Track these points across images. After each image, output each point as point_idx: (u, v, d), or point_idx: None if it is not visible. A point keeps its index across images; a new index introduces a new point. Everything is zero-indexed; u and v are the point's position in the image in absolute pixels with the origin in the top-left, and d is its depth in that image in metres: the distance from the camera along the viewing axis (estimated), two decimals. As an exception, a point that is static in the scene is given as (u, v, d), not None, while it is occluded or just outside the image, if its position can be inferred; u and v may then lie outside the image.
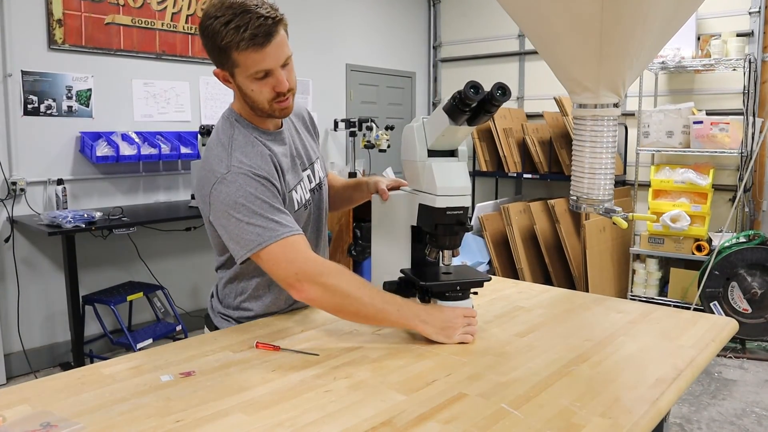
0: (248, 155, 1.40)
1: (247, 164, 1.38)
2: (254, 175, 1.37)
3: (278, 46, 1.35)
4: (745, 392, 3.43)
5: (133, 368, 1.23)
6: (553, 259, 4.74)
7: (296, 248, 1.36)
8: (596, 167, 1.52)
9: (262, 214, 1.35)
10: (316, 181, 1.60)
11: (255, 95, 1.40)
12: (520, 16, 1.56)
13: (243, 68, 1.36)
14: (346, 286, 1.34)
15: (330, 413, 1.04)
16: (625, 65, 1.44)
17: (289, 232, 1.35)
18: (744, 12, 4.57)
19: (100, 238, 3.81)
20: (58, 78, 3.64)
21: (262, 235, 1.34)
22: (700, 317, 1.58)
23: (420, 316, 1.36)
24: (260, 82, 1.38)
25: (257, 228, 1.34)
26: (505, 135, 5.02)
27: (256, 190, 1.36)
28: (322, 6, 5.26)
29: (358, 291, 1.34)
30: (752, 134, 4.29)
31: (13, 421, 0.99)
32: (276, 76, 1.38)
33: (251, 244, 1.34)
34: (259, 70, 1.36)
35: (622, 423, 1.01)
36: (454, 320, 1.37)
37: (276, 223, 1.35)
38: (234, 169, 1.37)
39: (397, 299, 1.38)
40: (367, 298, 1.35)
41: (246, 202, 1.35)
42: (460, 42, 6.19)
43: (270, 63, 1.36)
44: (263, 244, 1.34)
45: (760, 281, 3.96)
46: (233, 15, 1.31)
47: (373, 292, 1.36)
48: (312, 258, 1.37)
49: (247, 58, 1.34)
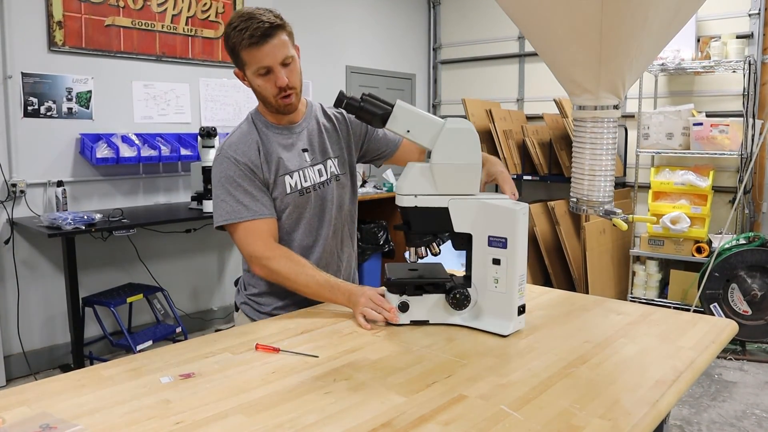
0: (239, 141, 1.67)
1: (233, 149, 1.65)
2: (235, 161, 1.64)
3: (275, 47, 1.57)
4: (745, 394, 3.42)
5: (133, 370, 1.23)
6: (553, 261, 4.74)
7: (253, 232, 1.62)
8: (596, 169, 1.52)
9: (234, 195, 1.62)
10: (326, 176, 1.76)
11: (262, 90, 1.63)
12: (520, 18, 1.56)
13: (249, 65, 1.60)
14: (286, 271, 1.60)
15: (330, 415, 1.04)
16: (624, 67, 1.44)
17: (252, 216, 1.62)
18: (744, 14, 4.58)
19: (100, 239, 3.81)
20: (58, 80, 3.64)
21: (230, 213, 1.62)
22: (700, 319, 1.58)
23: (345, 295, 1.57)
24: (264, 78, 1.61)
25: (227, 206, 1.63)
26: (505, 137, 5.03)
27: (234, 173, 1.63)
28: (323, 8, 5.27)
29: (296, 276, 1.60)
30: (752, 136, 4.29)
31: (13, 423, 0.99)
32: (275, 73, 1.60)
33: (219, 218, 1.64)
34: (261, 67, 1.59)
35: (622, 425, 1.01)
36: (359, 298, 1.53)
37: (243, 207, 1.62)
38: (222, 152, 1.66)
39: (330, 281, 1.59)
40: (302, 281, 1.60)
41: (225, 182, 1.63)
42: (460, 44, 6.19)
43: (268, 60, 1.58)
44: (228, 221, 1.63)
45: (760, 283, 3.96)
46: (240, 21, 1.57)
47: (310, 276, 1.59)
48: (263, 243, 1.62)
49: (249, 55, 1.58)
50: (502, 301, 1.45)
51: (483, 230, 1.47)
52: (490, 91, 5.96)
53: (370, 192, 4.78)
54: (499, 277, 1.44)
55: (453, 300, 1.48)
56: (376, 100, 1.48)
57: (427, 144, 1.47)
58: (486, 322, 1.47)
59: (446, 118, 1.49)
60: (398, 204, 1.50)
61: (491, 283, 1.46)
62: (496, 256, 1.44)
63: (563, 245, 4.62)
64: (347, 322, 1.54)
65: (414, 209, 1.48)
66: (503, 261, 1.43)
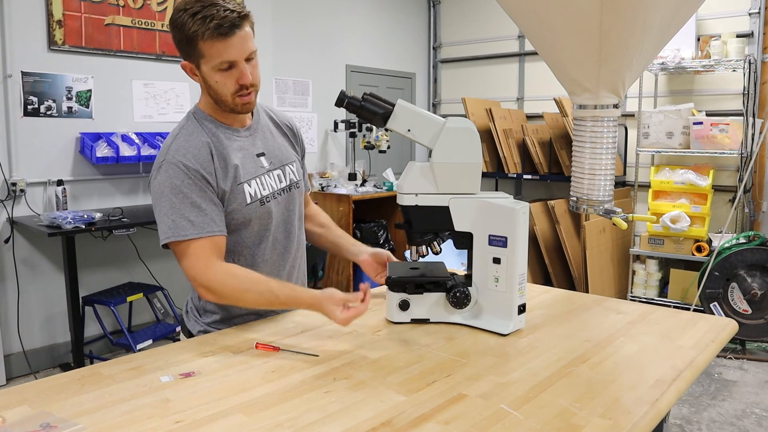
0: (187, 144, 1.45)
1: (181, 154, 1.43)
2: (184, 167, 1.41)
3: (243, 39, 1.40)
4: (745, 393, 3.42)
5: (133, 369, 1.23)
6: (553, 260, 4.74)
7: (196, 253, 1.41)
8: (596, 168, 1.53)
9: (179, 209, 1.41)
10: (286, 182, 1.61)
11: (219, 87, 1.44)
12: (520, 17, 1.56)
13: (208, 58, 1.41)
14: (231, 292, 1.42)
15: (330, 414, 1.04)
16: (624, 66, 1.44)
17: (197, 234, 1.41)
18: (744, 13, 4.57)
19: (100, 238, 3.81)
20: (58, 79, 3.64)
21: (172, 230, 1.41)
22: (700, 318, 1.58)
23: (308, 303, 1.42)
24: (224, 73, 1.42)
25: (170, 221, 1.41)
26: (505, 136, 5.03)
27: (182, 182, 1.41)
28: (322, 7, 5.27)
29: (244, 294, 1.42)
30: (752, 135, 4.29)
31: (13, 422, 0.99)
32: (239, 68, 1.42)
33: (163, 235, 1.43)
34: (224, 61, 1.40)
35: (622, 424, 1.01)
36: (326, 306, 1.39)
37: (188, 222, 1.41)
38: (169, 158, 1.43)
39: (284, 291, 1.42)
40: (251, 299, 1.43)
41: (169, 193, 1.41)
42: (460, 43, 6.19)
43: (234, 54, 1.40)
44: (170, 238, 1.41)
45: (760, 282, 3.96)
46: (201, 7, 1.37)
47: (258, 292, 1.41)
48: (204, 267, 1.41)
49: (211, 47, 1.39)
50: (503, 300, 1.45)
51: (483, 229, 1.47)
52: (490, 90, 5.96)
53: (369, 191, 4.78)
54: (500, 276, 1.45)
55: (453, 299, 1.48)
56: (377, 100, 1.48)
57: (427, 143, 1.47)
58: (486, 321, 1.47)
59: (447, 117, 1.49)
60: (399, 203, 1.50)
61: (491, 282, 1.46)
62: (496, 255, 1.45)
63: (563, 244, 4.62)
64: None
65: (415, 208, 1.48)
66: (503, 260, 1.43)
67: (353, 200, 4.57)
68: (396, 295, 1.50)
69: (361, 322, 1.53)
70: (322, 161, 5.35)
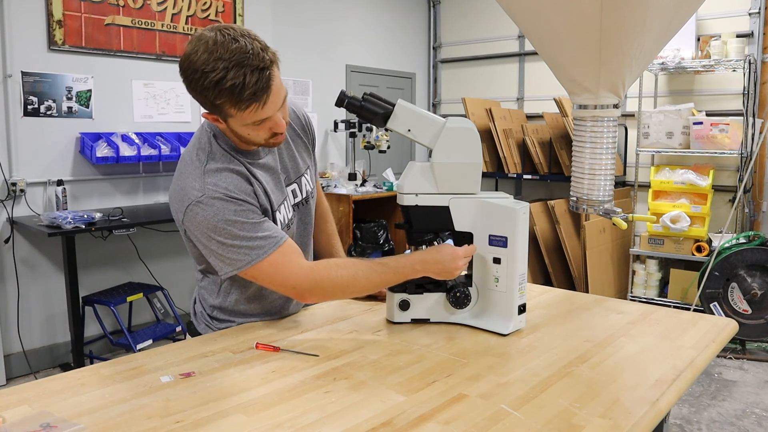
0: (223, 177, 1.34)
1: (222, 187, 1.32)
2: (230, 198, 1.32)
3: (276, 94, 1.29)
4: (745, 393, 3.42)
5: (133, 369, 1.23)
6: (553, 260, 4.74)
7: (285, 261, 1.34)
8: (596, 168, 1.53)
9: (245, 234, 1.31)
10: (302, 195, 1.58)
11: (251, 137, 1.36)
12: (520, 17, 1.56)
13: (238, 119, 1.30)
14: (341, 279, 1.37)
15: (330, 414, 1.04)
16: (624, 66, 1.44)
17: (275, 245, 1.33)
18: (744, 13, 4.57)
19: (100, 238, 3.81)
20: (58, 79, 3.64)
21: (249, 254, 1.32)
22: (700, 318, 1.58)
23: (417, 263, 1.41)
24: (258, 126, 1.33)
25: (242, 249, 1.32)
26: (505, 136, 5.03)
27: (235, 213, 1.31)
28: (322, 7, 5.27)
29: (353, 279, 1.38)
30: (752, 135, 4.29)
31: (13, 422, 0.99)
32: (274, 120, 1.33)
33: (238, 263, 1.33)
34: (258, 121, 1.30)
35: (622, 424, 1.01)
36: (455, 261, 1.40)
37: (261, 240, 1.32)
38: (209, 192, 1.31)
39: (389, 263, 1.41)
40: (364, 280, 1.39)
41: (226, 226, 1.31)
42: (460, 43, 6.19)
43: (269, 112, 1.30)
44: (251, 263, 1.33)
45: (760, 282, 3.96)
46: (225, 70, 1.21)
47: (368, 271, 1.39)
48: (301, 269, 1.36)
49: (243, 113, 1.28)
50: (503, 300, 1.45)
51: (483, 229, 1.47)
52: (490, 90, 5.96)
53: (369, 191, 4.78)
54: (500, 276, 1.45)
55: (453, 299, 1.48)
56: (377, 100, 1.48)
57: (427, 143, 1.47)
58: (486, 321, 1.47)
59: (447, 117, 1.49)
60: (399, 203, 1.50)
61: (492, 282, 1.46)
62: (496, 255, 1.45)
63: (563, 244, 4.62)
64: (347, 321, 1.54)
65: (415, 208, 1.48)
66: (504, 260, 1.43)
67: (353, 200, 4.57)
68: (396, 295, 1.50)
69: (361, 322, 1.53)
70: (322, 161, 5.35)
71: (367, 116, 1.48)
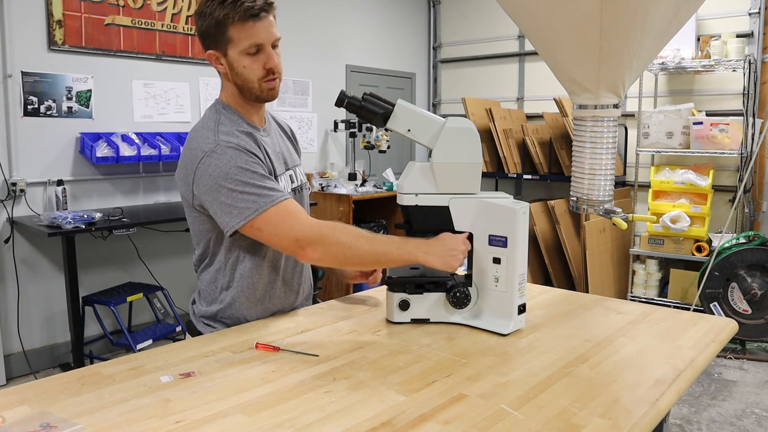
0: (235, 135, 1.45)
1: (234, 141, 1.42)
2: (243, 149, 1.41)
3: (270, 24, 1.46)
4: (745, 393, 3.43)
5: (133, 369, 1.23)
6: (553, 260, 4.74)
7: (291, 213, 1.40)
8: (596, 168, 1.53)
9: (254, 183, 1.39)
10: (298, 183, 1.64)
11: (246, 72, 1.46)
12: (520, 17, 1.56)
13: (236, 42, 1.44)
14: (345, 239, 1.39)
15: (330, 414, 1.04)
16: (624, 66, 1.44)
17: (281, 197, 1.40)
18: (744, 13, 4.57)
19: (100, 238, 3.81)
20: (58, 79, 3.64)
21: (258, 202, 1.37)
22: (700, 318, 1.58)
23: (420, 248, 1.42)
24: (252, 57, 1.45)
25: (251, 195, 1.38)
26: (505, 136, 5.03)
27: (246, 162, 1.40)
28: (322, 7, 5.27)
29: (356, 242, 1.39)
30: (752, 135, 4.29)
31: (13, 422, 0.99)
32: (267, 53, 1.46)
33: (246, 212, 1.38)
34: (253, 44, 1.44)
35: (622, 424, 1.01)
36: (457, 247, 1.42)
37: (269, 189, 1.40)
38: (222, 143, 1.41)
39: (394, 239, 1.42)
40: (366, 246, 1.40)
41: (237, 174, 1.38)
42: (460, 43, 6.19)
43: (263, 37, 1.44)
44: (259, 210, 1.37)
45: (760, 282, 3.96)
46: None
47: (371, 239, 1.41)
48: (307, 222, 1.41)
49: (241, 30, 1.42)
50: (503, 300, 1.45)
51: (483, 229, 1.47)
52: (490, 90, 5.96)
53: (369, 191, 4.78)
54: (500, 276, 1.45)
55: (453, 299, 1.48)
56: (377, 100, 1.48)
57: (427, 143, 1.47)
58: (486, 321, 1.47)
59: (447, 117, 1.49)
60: (399, 203, 1.51)
61: (491, 281, 1.46)
62: (496, 255, 1.45)
63: (563, 244, 4.62)
64: (347, 321, 1.55)
65: (415, 208, 1.49)
66: (503, 260, 1.43)
67: (353, 200, 4.58)
68: (396, 295, 1.50)
69: (360, 322, 1.53)
70: (322, 161, 5.35)
71: (367, 116, 1.48)
